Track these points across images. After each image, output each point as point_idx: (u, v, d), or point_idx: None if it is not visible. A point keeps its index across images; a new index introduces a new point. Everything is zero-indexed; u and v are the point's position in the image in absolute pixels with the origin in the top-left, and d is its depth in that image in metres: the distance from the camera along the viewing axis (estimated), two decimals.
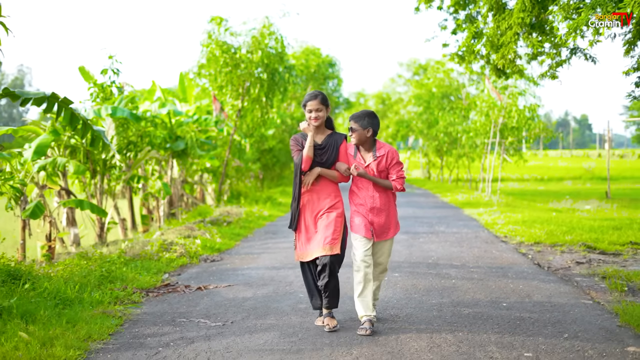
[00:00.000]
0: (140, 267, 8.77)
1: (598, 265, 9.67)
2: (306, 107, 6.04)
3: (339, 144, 6.07)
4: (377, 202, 6.04)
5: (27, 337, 5.39)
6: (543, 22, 9.81)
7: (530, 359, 5.12)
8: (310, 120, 6.00)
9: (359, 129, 6.00)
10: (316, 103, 5.97)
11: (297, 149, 6.07)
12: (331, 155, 6.01)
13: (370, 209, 6.03)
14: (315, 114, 5.97)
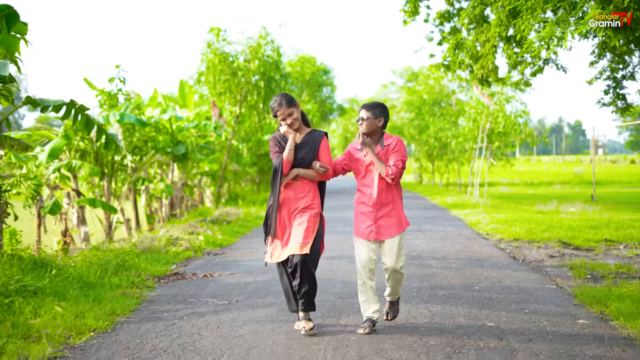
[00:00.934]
0: (150, 259, 9.68)
1: (570, 258, 10.53)
2: (278, 117, 5.92)
3: (318, 142, 5.94)
4: (380, 198, 5.86)
5: (62, 310, 6.27)
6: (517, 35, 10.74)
7: (492, 327, 6.02)
8: (286, 125, 5.90)
9: (370, 117, 5.85)
10: (284, 110, 5.86)
11: (275, 151, 5.95)
12: (310, 153, 5.89)
13: (373, 204, 5.86)
14: (289, 120, 5.86)
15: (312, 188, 5.95)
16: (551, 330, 5.94)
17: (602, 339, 5.66)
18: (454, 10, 13.26)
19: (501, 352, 5.24)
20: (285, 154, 5.82)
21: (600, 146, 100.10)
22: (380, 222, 5.89)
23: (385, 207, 5.90)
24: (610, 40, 8.84)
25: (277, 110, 5.89)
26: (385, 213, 5.90)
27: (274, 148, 5.99)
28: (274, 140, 6.02)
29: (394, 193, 5.96)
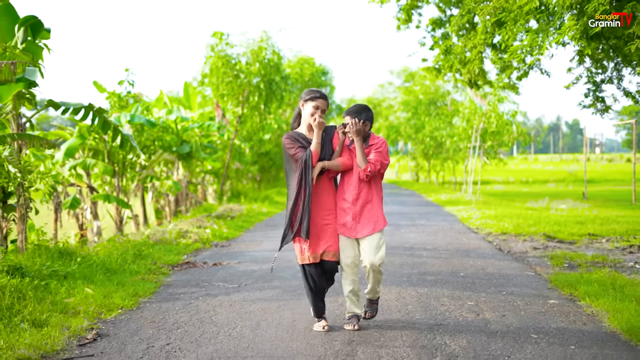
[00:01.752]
0: (163, 249, 10.50)
1: (552, 250, 11.34)
2: (313, 102, 5.82)
3: (331, 137, 5.94)
4: (360, 195, 5.86)
5: (92, 291, 7.09)
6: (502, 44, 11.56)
7: (471, 305, 6.84)
8: (312, 117, 5.80)
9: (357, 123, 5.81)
10: (325, 104, 5.87)
11: (298, 146, 5.79)
12: (328, 149, 5.88)
13: (353, 200, 5.86)
14: (320, 113, 5.79)
15: (332, 190, 5.97)
16: (524, 308, 6.76)
17: (568, 315, 6.48)
18: (445, 17, 14.09)
19: (477, 324, 6.06)
20: (314, 147, 5.70)
21: (598, 145, 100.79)
22: (359, 219, 5.85)
23: (365, 204, 5.86)
24: (584, 49, 9.67)
25: (319, 97, 5.84)
26: (364, 210, 5.86)
27: (295, 144, 5.80)
28: (292, 138, 5.83)
29: (373, 192, 5.92)
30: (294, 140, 5.81)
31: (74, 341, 5.54)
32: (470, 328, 5.94)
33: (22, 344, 5.18)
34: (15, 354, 4.96)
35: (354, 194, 5.87)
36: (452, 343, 5.47)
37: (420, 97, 35.91)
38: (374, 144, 5.88)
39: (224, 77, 20.41)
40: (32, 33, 9.25)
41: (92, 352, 5.25)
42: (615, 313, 6.35)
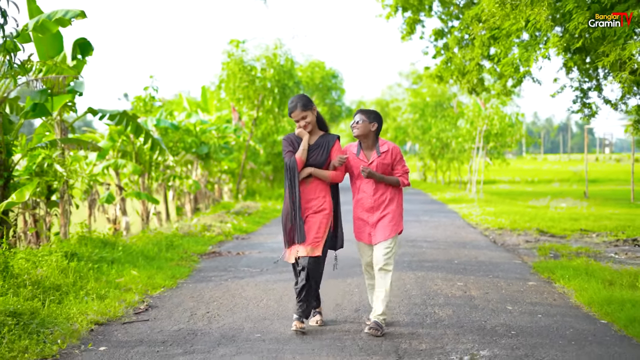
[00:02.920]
0: (191, 241, 11.73)
1: (542, 243, 12.49)
2: (292, 118, 6.00)
3: (330, 145, 5.99)
4: (376, 201, 5.97)
5: (137, 273, 8.32)
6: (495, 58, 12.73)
7: (461, 285, 8.03)
8: (299, 127, 5.97)
9: (366, 120, 5.97)
10: (299, 112, 5.92)
11: (288, 150, 5.98)
12: (321, 155, 5.94)
13: (369, 208, 5.98)
14: (303, 122, 5.91)
15: (325, 190, 6.01)
16: (505, 288, 7.96)
17: (542, 293, 7.67)
18: (446, 28, 15.27)
19: (463, 299, 7.26)
20: (299, 154, 5.86)
21: (607, 145, 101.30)
22: (377, 225, 5.97)
23: (383, 210, 5.98)
24: (567, 62, 10.85)
25: (291, 111, 5.96)
26: (382, 216, 5.98)
27: (287, 148, 6.00)
28: (288, 141, 6.05)
29: (390, 196, 6.05)
30: (289, 143, 6.02)
31: (130, 310, 6.78)
32: (457, 302, 7.15)
33: (91, 310, 6.41)
34: (88, 318, 6.18)
35: (370, 202, 5.99)
36: (440, 312, 6.67)
37: (427, 99, 37.14)
38: (386, 152, 6.01)
39: (240, 82, 21.66)
40: (81, 52, 10.47)
41: (147, 318, 6.47)
42: (581, 291, 7.54)
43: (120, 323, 6.28)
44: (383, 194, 6.00)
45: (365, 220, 6.01)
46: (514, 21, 9.51)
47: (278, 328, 6.05)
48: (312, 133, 6.03)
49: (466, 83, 13.35)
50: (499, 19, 9.57)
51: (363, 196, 6.03)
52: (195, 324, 6.24)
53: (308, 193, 5.96)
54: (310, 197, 5.95)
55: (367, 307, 6.80)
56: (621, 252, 11.19)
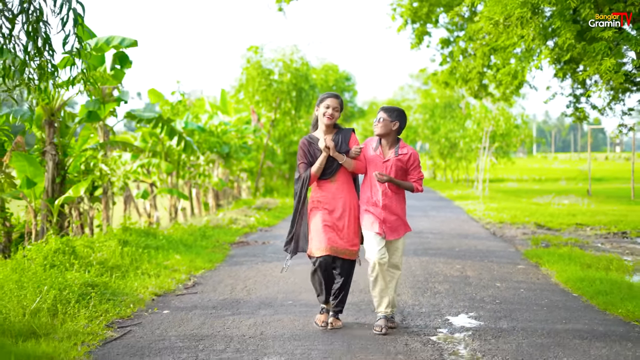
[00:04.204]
0: (220, 232, 13.09)
1: (538, 235, 13.76)
2: (323, 103, 6.01)
3: (347, 139, 6.07)
4: (388, 201, 6.02)
5: (180, 258, 9.68)
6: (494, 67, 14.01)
7: (459, 267, 9.35)
8: (324, 116, 5.98)
9: (387, 119, 5.98)
10: (336, 102, 5.99)
11: (302, 162, 6.09)
12: (340, 149, 6.02)
13: (382, 206, 6.01)
14: (331, 111, 5.95)
15: (350, 188, 6.11)
16: (497, 270, 9.27)
17: (528, 274, 8.98)
18: (452, 37, 16.57)
19: (459, 278, 8.58)
20: (315, 169, 5.99)
21: (618, 144, 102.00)
22: (387, 223, 6.03)
23: (392, 209, 6.05)
24: (558, 72, 12.14)
25: (328, 97, 6.03)
26: (391, 215, 6.05)
27: (301, 159, 6.10)
28: (304, 149, 6.11)
29: (400, 197, 6.16)
30: (304, 153, 6.09)
31: (180, 286, 8.14)
32: (454, 280, 8.47)
33: (150, 285, 7.77)
34: (148, 290, 7.54)
35: (382, 200, 6.01)
36: (439, 287, 8.00)
37: (437, 100, 38.49)
38: (405, 155, 6.04)
39: (258, 86, 23.05)
40: (120, 64, 11.81)
41: (195, 292, 7.82)
42: (561, 272, 8.84)
43: (174, 295, 7.64)
44: (393, 194, 6.04)
45: (374, 214, 6.01)
46: (508, 38, 10.78)
47: (306, 297, 7.40)
48: (329, 131, 6.08)
49: (468, 89, 14.67)
50: (494, 36, 10.85)
51: (374, 190, 6.03)
52: (237, 295, 7.59)
53: (335, 192, 6.03)
54: (338, 197, 6.02)
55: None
56: (607, 243, 12.47)
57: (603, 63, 9.39)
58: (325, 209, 6.02)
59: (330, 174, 6.04)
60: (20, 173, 10.32)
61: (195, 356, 5.20)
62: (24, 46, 6.99)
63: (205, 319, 6.41)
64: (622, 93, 12.60)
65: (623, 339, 5.73)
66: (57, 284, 6.73)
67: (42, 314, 6.08)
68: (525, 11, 9.40)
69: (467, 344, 5.60)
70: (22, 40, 7.00)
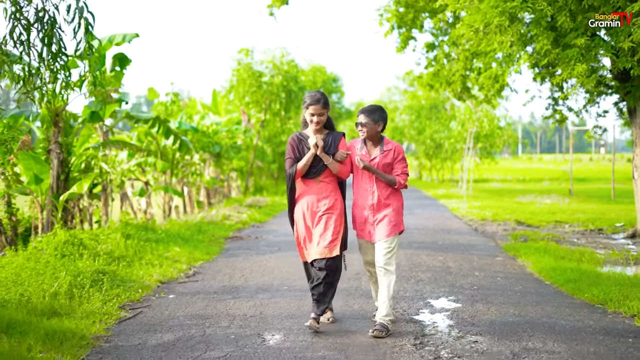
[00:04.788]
0: (215, 227, 13.70)
1: (517, 231, 14.43)
2: (308, 110, 5.96)
3: (337, 142, 6.01)
4: (376, 199, 5.94)
5: (179, 250, 10.28)
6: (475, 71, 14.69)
7: (441, 259, 10.00)
8: (311, 123, 5.96)
9: (370, 123, 5.93)
10: (319, 108, 5.91)
11: (289, 157, 6.05)
12: (329, 152, 5.98)
13: (369, 206, 5.96)
14: (317, 118, 5.92)
15: (334, 189, 6.05)
16: (476, 261, 9.94)
17: (505, 265, 9.65)
18: (437, 41, 17.23)
19: (441, 268, 9.24)
20: (301, 165, 5.95)
21: (602, 145, 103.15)
22: (376, 224, 5.96)
23: (384, 209, 5.96)
24: (536, 76, 12.83)
25: (310, 103, 5.96)
26: (381, 215, 5.96)
27: (289, 154, 6.06)
28: (292, 145, 6.08)
29: (391, 196, 6.04)
30: (292, 149, 6.06)
31: (182, 274, 8.75)
32: (436, 269, 9.13)
33: (154, 273, 8.38)
34: (153, 278, 8.15)
35: (370, 199, 5.97)
36: (422, 275, 8.65)
37: (423, 102, 39.25)
38: (391, 150, 6.02)
39: (249, 87, 23.67)
40: (120, 66, 12.38)
41: (196, 280, 8.43)
42: (536, 263, 9.51)
43: (177, 282, 8.25)
44: (383, 192, 5.96)
45: (366, 218, 6.00)
46: (488, 44, 11.43)
47: (300, 283, 8.01)
48: (318, 132, 6.04)
49: (452, 91, 15.34)
50: (475, 42, 11.52)
51: (363, 194, 6.01)
52: (235, 282, 8.21)
53: (319, 192, 5.99)
54: (320, 196, 5.98)
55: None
56: (583, 238, 13.14)
57: (576, 68, 10.08)
58: (307, 206, 5.99)
59: (316, 173, 5.99)
60: (27, 170, 10.88)
61: (203, 332, 5.82)
62: (39, 52, 7.58)
63: (209, 302, 7.03)
64: (597, 96, 13.33)
65: (586, 318, 6.40)
66: (71, 271, 7.34)
67: (61, 296, 6.69)
68: (504, 19, 10.04)
69: (445, 321, 6.25)
70: (37, 46, 7.61)
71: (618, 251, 11.01)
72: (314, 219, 5.98)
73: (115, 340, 5.61)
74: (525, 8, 10.05)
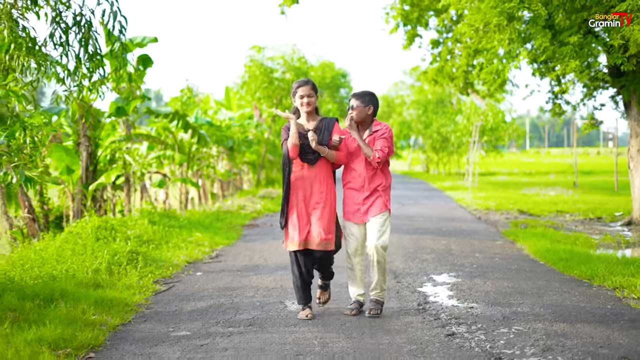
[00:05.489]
0: (232, 216, 14.50)
1: (519, 219, 15.16)
2: (297, 94, 5.98)
3: (330, 127, 6.03)
4: (368, 181, 6.04)
5: (201, 235, 11.08)
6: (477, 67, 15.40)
7: (444, 243, 10.77)
8: (302, 106, 5.97)
9: (360, 105, 6.05)
10: (308, 89, 5.95)
11: (285, 139, 6.01)
12: (322, 137, 5.97)
13: (360, 187, 6.05)
14: (307, 99, 5.94)
15: (328, 178, 6.06)
16: (477, 245, 10.70)
17: (504, 248, 10.41)
18: (442, 38, 17.96)
19: (444, 250, 10.01)
20: (290, 140, 5.87)
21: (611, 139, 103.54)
22: (367, 204, 6.04)
23: (374, 191, 6.05)
24: (535, 71, 13.55)
25: (299, 86, 6.01)
26: (373, 196, 6.05)
27: (284, 136, 6.03)
28: (285, 130, 6.04)
29: (381, 178, 6.10)
30: (285, 132, 6.01)
31: (206, 256, 9.54)
32: (440, 251, 9.90)
33: (181, 254, 9.18)
34: (181, 259, 8.94)
35: (362, 182, 6.05)
36: (426, 256, 9.42)
37: (429, 96, 40.02)
38: (378, 131, 6.07)
39: (260, 83, 24.48)
40: (144, 66, 13.14)
41: (220, 260, 9.23)
42: (532, 246, 10.26)
43: (202, 262, 9.05)
44: (374, 174, 6.06)
45: (355, 200, 6.08)
46: (488, 42, 12.15)
47: None
48: (311, 118, 6.05)
49: (455, 86, 16.08)
50: (475, 40, 12.25)
51: (354, 175, 6.09)
52: (256, 262, 9.00)
53: (312, 179, 5.98)
54: (313, 183, 5.98)
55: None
56: (580, 226, 13.87)
57: (569, 64, 10.80)
58: (301, 193, 5.97)
59: (312, 161, 5.97)
60: (59, 162, 11.70)
61: (231, 300, 6.61)
62: (76, 54, 8.38)
63: (234, 278, 7.83)
64: (594, 90, 14.05)
65: (572, 290, 7.16)
66: (108, 251, 8.14)
67: (102, 272, 7.49)
68: (502, 19, 10.77)
69: (446, 292, 7.03)
70: (75, 47, 8.40)
71: (612, 236, 11.73)
72: (308, 210, 5.96)
73: (155, 307, 6.41)
74: (522, 8, 10.78)
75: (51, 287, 6.49)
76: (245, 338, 5.29)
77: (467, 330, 5.51)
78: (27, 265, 7.49)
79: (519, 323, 5.70)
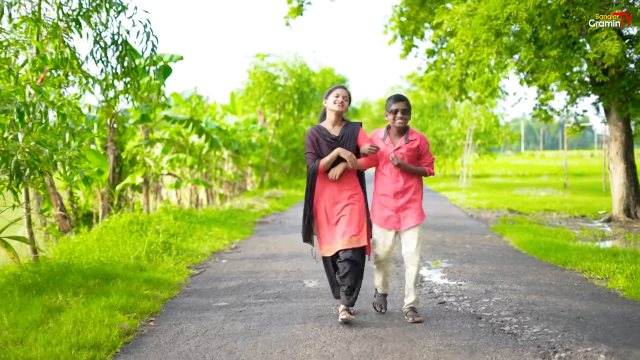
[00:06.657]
0: (244, 214, 15.70)
1: (508, 217, 16.35)
2: (333, 93, 5.91)
3: (355, 133, 5.93)
4: (401, 188, 5.95)
5: (219, 230, 12.27)
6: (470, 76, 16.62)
7: (438, 237, 11.98)
8: (335, 104, 5.86)
9: (407, 112, 5.99)
10: (345, 92, 5.92)
11: (310, 152, 5.93)
12: (348, 144, 5.87)
13: (394, 194, 5.96)
14: (341, 99, 5.86)
15: (354, 179, 5.98)
16: (468, 238, 11.91)
17: (492, 241, 11.62)
18: (437, 48, 19.17)
19: (439, 242, 11.22)
20: (324, 163, 5.83)
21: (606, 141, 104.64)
22: (401, 212, 5.96)
23: (406, 196, 5.97)
24: (522, 81, 14.78)
25: (336, 87, 5.95)
26: (406, 203, 5.97)
27: (309, 149, 5.95)
28: (312, 139, 5.94)
29: (415, 183, 6.04)
30: (312, 143, 5.93)
31: (226, 247, 10.74)
32: (434, 243, 11.12)
33: (206, 245, 10.37)
34: (205, 250, 10.14)
35: (394, 187, 5.97)
36: (422, 246, 10.60)
37: (425, 101, 41.32)
38: (415, 141, 6.01)
39: (264, 89, 25.72)
40: (164, 76, 14.33)
41: (239, 251, 10.42)
42: (517, 238, 11.47)
43: (224, 253, 10.25)
44: (407, 180, 5.98)
45: (387, 206, 6.00)
46: (477, 54, 13.37)
47: None
48: (336, 123, 5.95)
49: (450, 94, 17.31)
50: (466, 54, 13.48)
51: (387, 181, 6.00)
52: (272, 252, 10.21)
53: (341, 184, 5.89)
54: (342, 188, 5.89)
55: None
56: (564, 222, 15.07)
57: (550, 75, 12.03)
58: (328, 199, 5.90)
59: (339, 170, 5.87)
60: (91, 164, 12.88)
61: (257, 280, 7.83)
62: (113, 69, 9.59)
63: (255, 264, 9.04)
64: (577, 97, 15.28)
65: (547, 272, 8.37)
66: (144, 242, 9.35)
67: (142, 259, 8.68)
68: (490, 35, 11.99)
69: (439, 274, 8.26)
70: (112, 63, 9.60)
71: (590, 231, 12.94)
72: (335, 212, 5.87)
73: (193, 286, 7.62)
74: (509, 25, 12.00)
75: (103, 270, 7.67)
76: (274, 306, 6.51)
77: (455, 300, 6.73)
78: (76, 254, 8.68)
79: (498, 295, 6.92)
